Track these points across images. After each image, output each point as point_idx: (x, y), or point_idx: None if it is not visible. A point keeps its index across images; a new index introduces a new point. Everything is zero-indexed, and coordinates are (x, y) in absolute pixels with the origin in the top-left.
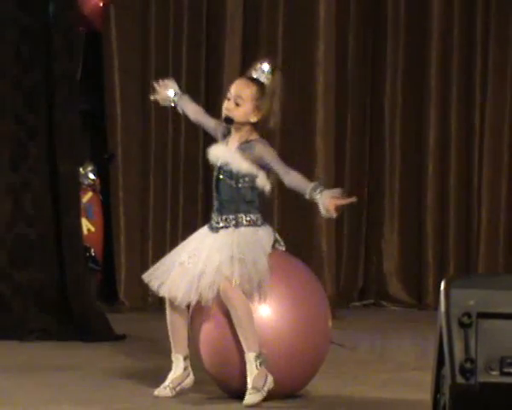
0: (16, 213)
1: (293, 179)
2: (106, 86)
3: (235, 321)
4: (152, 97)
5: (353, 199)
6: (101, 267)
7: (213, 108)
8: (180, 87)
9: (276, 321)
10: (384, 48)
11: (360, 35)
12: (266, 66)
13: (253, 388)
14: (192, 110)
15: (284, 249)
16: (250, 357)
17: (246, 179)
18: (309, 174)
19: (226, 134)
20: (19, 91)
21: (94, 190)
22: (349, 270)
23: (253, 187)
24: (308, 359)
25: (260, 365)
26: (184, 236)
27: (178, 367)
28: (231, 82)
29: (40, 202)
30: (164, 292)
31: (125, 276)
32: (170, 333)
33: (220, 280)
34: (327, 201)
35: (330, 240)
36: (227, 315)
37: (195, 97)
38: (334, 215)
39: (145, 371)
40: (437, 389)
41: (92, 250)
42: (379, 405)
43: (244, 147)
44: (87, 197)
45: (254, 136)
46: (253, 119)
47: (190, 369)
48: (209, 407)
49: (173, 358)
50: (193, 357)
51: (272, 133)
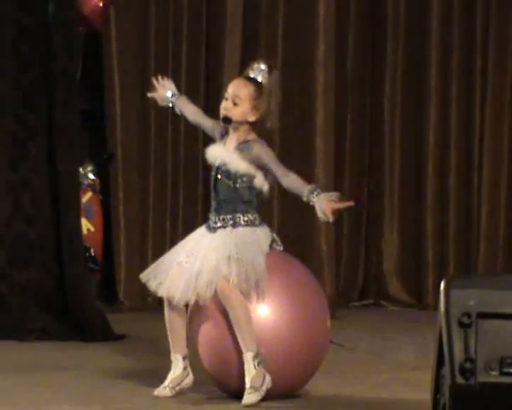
0: (16, 212)
1: (290, 181)
2: (106, 86)
3: (232, 321)
4: (149, 94)
5: (351, 203)
6: (100, 267)
7: (213, 109)
8: (179, 87)
9: (275, 321)
10: (384, 48)
11: (360, 35)
12: (263, 65)
13: (252, 387)
14: (190, 111)
15: (282, 249)
16: (248, 357)
17: (244, 179)
18: (309, 174)
19: (224, 134)
20: (18, 91)
21: (94, 190)
22: (349, 270)
23: (251, 187)
24: (307, 358)
25: (258, 364)
26: (184, 236)
27: (178, 367)
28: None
29: (40, 202)
30: (162, 292)
31: (125, 276)
32: (168, 333)
33: (218, 280)
34: (324, 204)
35: (330, 240)
36: (225, 315)
37: (195, 97)
38: (330, 219)
39: (145, 371)
40: (437, 389)
41: (92, 250)
42: (378, 405)
43: (242, 147)
44: (87, 197)
45: (252, 136)
46: (251, 118)
47: (190, 369)
48: (208, 407)
49: (172, 358)
50: (191, 357)
51: (270, 133)
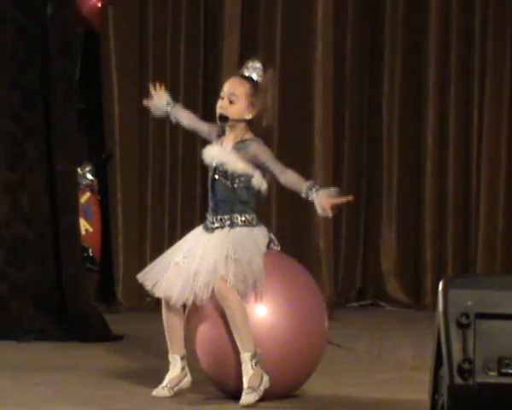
0: (13, 212)
1: (288, 178)
2: (104, 86)
3: (230, 321)
4: (145, 103)
5: (349, 198)
6: (98, 268)
7: (211, 108)
8: (178, 87)
9: (272, 321)
10: (382, 48)
11: (358, 35)
12: (258, 63)
13: (249, 388)
14: (185, 117)
15: (279, 249)
16: (245, 357)
17: (241, 179)
18: (307, 174)
19: (221, 135)
20: (16, 91)
21: (92, 191)
22: (347, 270)
23: (249, 187)
24: (304, 358)
25: (256, 364)
26: (182, 236)
27: (176, 368)
28: None
29: (37, 202)
30: (159, 292)
31: (123, 276)
32: (166, 333)
33: (215, 280)
34: (323, 200)
35: (328, 240)
36: (223, 315)
37: (193, 97)
38: (330, 214)
39: (143, 371)
40: (435, 390)
41: (90, 250)
42: (376, 405)
43: (239, 146)
44: (85, 198)
45: (249, 135)
46: (248, 116)
47: (187, 369)
48: (206, 407)
49: (170, 358)
50: (189, 357)
51: (267, 131)
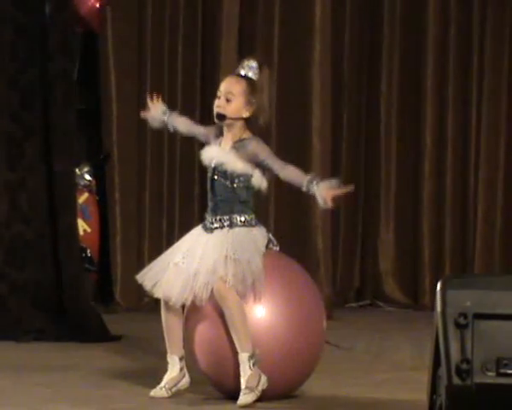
0: (12, 212)
1: (289, 173)
2: (102, 86)
3: (228, 321)
4: (142, 115)
5: (350, 188)
6: (96, 268)
7: (209, 108)
8: (176, 87)
9: (271, 321)
10: (380, 48)
11: (356, 35)
12: (253, 62)
13: (247, 388)
14: (182, 124)
15: (278, 249)
16: (243, 358)
17: (241, 179)
18: (306, 173)
19: (219, 135)
20: (15, 91)
21: (90, 191)
22: (345, 270)
23: (248, 187)
24: (303, 359)
25: (254, 365)
26: (181, 236)
27: (174, 368)
28: None
29: (36, 202)
30: (158, 293)
31: (121, 276)
32: (165, 334)
33: (214, 280)
34: (324, 192)
35: (326, 240)
36: (221, 315)
37: (191, 97)
38: (331, 206)
39: (141, 371)
40: (433, 390)
41: (88, 251)
42: (375, 405)
43: (238, 146)
44: (83, 198)
45: (247, 134)
46: (245, 114)
47: (186, 370)
48: (205, 408)
49: (169, 359)
50: (188, 357)
51: (263, 130)
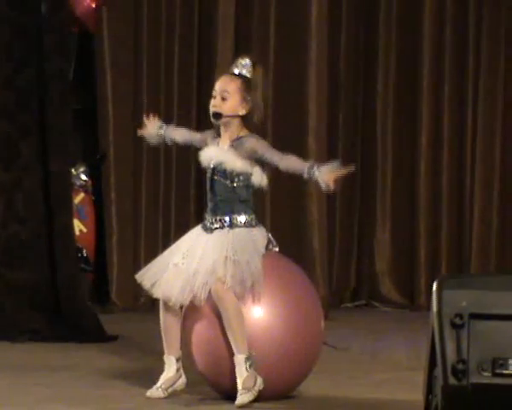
0: (8, 212)
1: (289, 163)
2: (98, 86)
3: (225, 323)
4: (139, 133)
5: (350, 168)
6: (92, 268)
7: (205, 108)
8: (172, 88)
9: (269, 322)
10: (376, 47)
11: (352, 35)
12: (247, 60)
13: (244, 388)
14: (178, 134)
15: (277, 250)
16: (240, 359)
17: (240, 178)
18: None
19: (216, 137)
20: (11, 91)
21: (86, 191)
22: (341, 270)
23: (248, 185)
24: (301, 359)
25: (250, 367)
26: (177, 236)
27: (171, 369)
28: None
29: (32, 202)
30: (157, 293)
31: (117, 276)
32: (163, 335)
33: (213, 281)
34: (326, 176)
35: (322, 240)
36: (219, 316)
37: (187, 97)
38: (333, 188)
39: (137, 371)
40: (429, 390)
41: (84, 251)
42: (371, 405)
43: (236, 144)
44: (79, 198)
45: (244, 131)
46: (242, 111)
47: (182, 370)
48: (201, 408)
49: (166, 359)
50: (185, 358)
51: (258, 127)
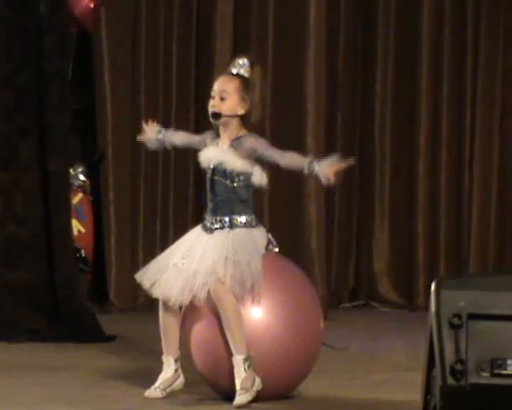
0: (7, 212)
1: (289, 160)
2: (96, 86)
3: (224, 323)
4: (139, 138)
5: (350, 161)
6: (91, 268)
7: (203, 108)
8: (170, 87)
9: (268, 322)
10: (375, 48)
11: (350, 34)
12: (244, 60)
13: (242, 389)
14: (177, 138)
15: (277, 250)
16: (238, 360)
17: (241, 178)
18: (300, 173)
19: (215, 138)
20: (9, 91)
21: (84, 192)
22: (339, 270)
23: (248, 185)
24: (300, 359)
25: (248, 368)
26: (175, 236)
27: (169, 369)
28: None
29: (31, 202)
30: (157, 293)
31: (116, 276)
32: (162, 335)
33: (212, 281)
34: (326, 169)
35: (320, 240)
36: (219, 316)
37: (185, 97)
38: (333, 182)
39: (135, 372)
40: (427, 391)
41: (82, 251)
42: (370, 405)
43: (235, 144)
44: (77, 199)
45: (243, 131)
46: (241, 111)
47: (181, 371)
48: (200, 408)
49: (164, 359)
50: (184, 358)
51: (256, 128)
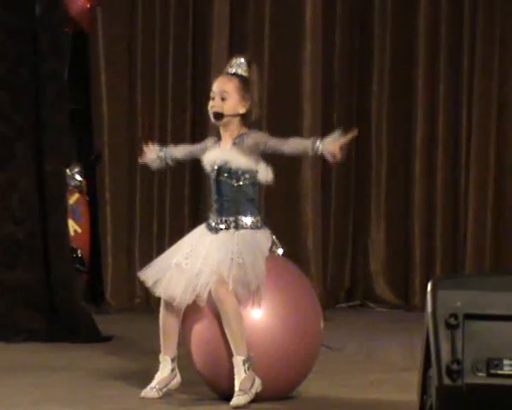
0: (4, 212)
1: (292, 146)
2: (93, 86)
3: (224, 324)
4: (140, 160)
5: (354, 132)
6: (87, 268)
7: (200, 108)
8: (167, 88)
9: (267, 322)
10: (371, 48)
11: (347, 35)
12: (241, 59)
13: (241, 390)
14: (178, 151)
15: (282, 252)
16: (238, 361)
17: (246, 176)
18: (296, 172)
19: (217, 141)
20: (6, 91)
21: (80, 192)
22: (336, 270)
23: (254, 183)
24: (299, 360)
25: (248, 368)
26: (171, 236)
27: (166, 369)
28: None
29: (27, 202)
30: (159, 292)
31: (112, 277)
32: (161, 334)
33: (214, 281)
34: (330, 147)
35: (317, 240)
36: (219, 316)
37: (182, 97)
38: (339, 157)
39: (132, 372)
40: (424, 391)
41: (79, 251)
42: (366, 406)
43: (238, 141)
44: (74, 199)
45: (244, 129)
46: (242, 110)
47: (177, 370)
48: (197, 408)
49: (161, 359)
50: (183, 357)
51: (255, 126)
